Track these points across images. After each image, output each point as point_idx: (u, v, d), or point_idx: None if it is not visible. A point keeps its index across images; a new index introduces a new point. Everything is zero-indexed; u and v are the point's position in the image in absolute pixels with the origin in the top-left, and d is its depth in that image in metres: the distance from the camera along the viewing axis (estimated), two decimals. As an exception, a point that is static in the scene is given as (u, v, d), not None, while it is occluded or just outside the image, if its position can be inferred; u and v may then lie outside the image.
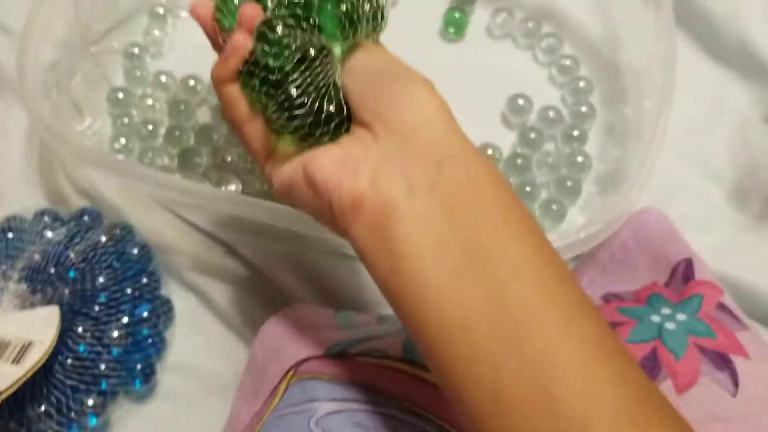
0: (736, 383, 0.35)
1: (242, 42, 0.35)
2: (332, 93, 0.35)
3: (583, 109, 0.57)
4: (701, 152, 0.56)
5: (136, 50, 0.60)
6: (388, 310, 0.50)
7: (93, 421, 0.47)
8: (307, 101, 0.35)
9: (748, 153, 0.55)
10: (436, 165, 0.31)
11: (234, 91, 0.37)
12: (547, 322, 0.28)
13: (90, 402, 0.47)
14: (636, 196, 0.47)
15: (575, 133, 0.56)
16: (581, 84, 0.58)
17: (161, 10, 0.62)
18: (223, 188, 0.54)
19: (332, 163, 0.33)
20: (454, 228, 0.30)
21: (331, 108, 0.35)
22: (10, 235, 0.51)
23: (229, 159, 0.55)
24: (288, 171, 0.35)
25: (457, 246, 0.30)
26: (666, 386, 0.36)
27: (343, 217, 0.32)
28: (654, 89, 0.50)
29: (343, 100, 0.35)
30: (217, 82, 0.37)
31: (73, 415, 0.46)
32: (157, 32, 0.61)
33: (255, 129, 0.37)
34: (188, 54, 0.61)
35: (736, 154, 0.55)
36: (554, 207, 0.53)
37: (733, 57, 0.59)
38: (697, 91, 0.58)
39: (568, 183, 0.54)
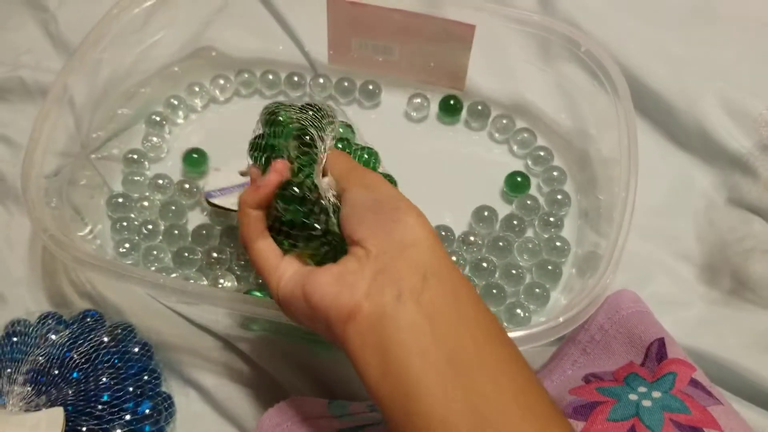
0: (710, 456, 0.37)
1: (272, 181, 0.42)
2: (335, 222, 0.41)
3: (559, 196, 0.60)
4: (671, 233, 0.59)
5: (134, 156, 0.64)
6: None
7: None
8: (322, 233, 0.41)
9: (715, 232, 0.58)
10: (422, 277, 0.35)
11: (255, 214, 0.42)
12: None
13: (93, 502, 0.48)
14: (610, 278, 0.50)
15: (552, 219, 0.59)
16: (555, 173, 0.62)
17: (158, 118, 0.66)
18: (220, 283, 0.57)
19: (330, 279, 0.37)
20: (439, 338, 0.33)
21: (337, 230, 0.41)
22: (15, 339, 0.53)
23: (223, 257, 0.58)
24: (290, 287, 0.39)
25: (441, 355, 0.33)
26: (646, 462, 0.38)
27: (338, 326, 0.35)
28: (621, 175, 0.54)
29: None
30: (244, 205, 0.42)
31: None
32: (155, 139, 0.65)
33: (267, 246, 0.42)
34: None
35: (704, 234, 0.59)
36: (537, 290, 0.56)
37: (694, 143, 0.63)
38: (664, 176, 0.62)
39: (549, 267, 0.57)
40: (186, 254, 0.58)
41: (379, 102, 0.68)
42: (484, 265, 0.57)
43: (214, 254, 0.58)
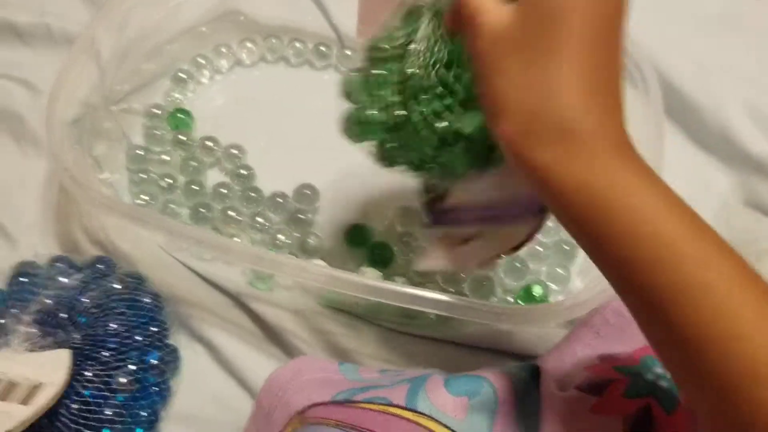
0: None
1: None
2: None
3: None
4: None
5: (157, 111, 0.64)
6: (388, 366, 0.52)
7: (94, 466, 0.47)
8: None
9: (730, 233, 0.58)
10: None
11: None
12: None
13: (93, 447, 0.47)
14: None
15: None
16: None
17: (183, 75, 0.66)
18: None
19: None
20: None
21: None
22: (24, 279, 0.53)
23: (239, 218, 0.58)
24: None
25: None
26: (659, 440, 0.38)
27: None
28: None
29: None
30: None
31: (75, 458, 0.47)
32: (177, 96, 0.65)
33: None
34: (207, 117, 0.64)
35: (719, 233, 0.59)
36: (559, 270, 0.57)
37: (716, 145, 0.63)
38: (684, 175, 0.62)
39: (565, 247, 0.57)
40: (202, 210, 0.58)
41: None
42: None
43: (231, 213, 0.58)
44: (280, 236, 0.57)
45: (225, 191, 0.59)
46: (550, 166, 0.32)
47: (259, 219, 0.58)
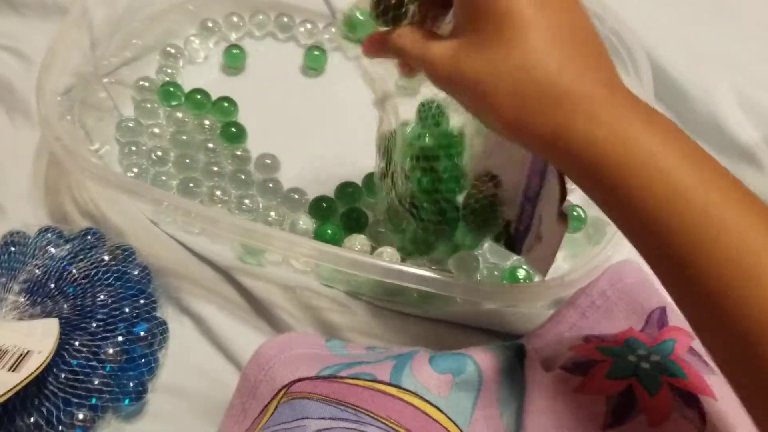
0: (703, 420, 0.38)
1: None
2: None
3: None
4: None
5: (146, 84, 0.63)
6: (376, 343, 0.52)
7: (80, 435, 0.48)
8: None
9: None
10: None
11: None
12: None
13: (80, 416, 0.47)
14: (612, 250, 0.51)
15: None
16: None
17: (173, 50, 0.66)
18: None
19: None
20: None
21: None
22: (13, 248, 0.53)
23: (226, 198, 0.58)
24: None
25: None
26: (640, 420, 0.38)
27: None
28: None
29: None
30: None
31: (61, 428, 0.47)
32: (168, 70, 0.65)
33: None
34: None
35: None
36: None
37: (705, 131, 0.64)
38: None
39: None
40: (191, 185, 0.58)
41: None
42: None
43: (218, 192, 0.58)
44: (272, 213, 0.57)
45: (216, 169, 0.59)
46: (555, 133, 0.33)
47: (247, 201, 0.58)
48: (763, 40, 0.70)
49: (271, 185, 0.59)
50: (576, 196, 0.59)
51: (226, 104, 0.63)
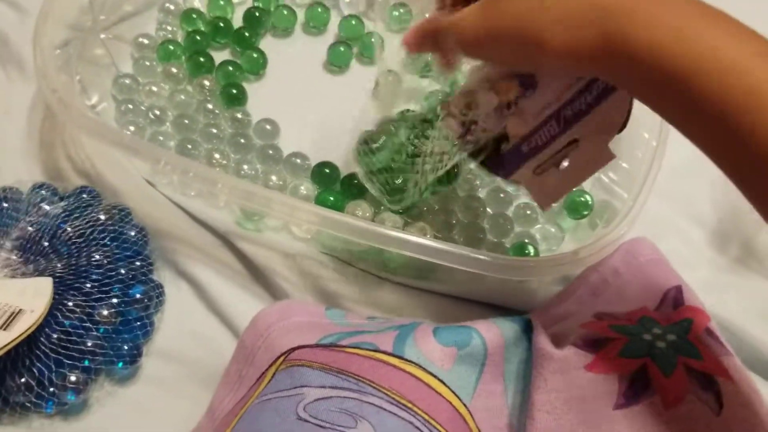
0: (720, 403, 0.37)
1: None
2: None
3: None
4: (686, 196, 0.58)
5: (145, 41, 0.61)
6: (376, 314, 0.51)
7: (72, 398, 0.46)
8: None
9: (730, 199, 0.58)
10: None
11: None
12: None
13: (72, 378, 0.46)
14: (624, 230, 0.49)
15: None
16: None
17: (172, 7, 0.63)
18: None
19: None
20: None
21: None
22: (5, 204, 0.51)
23: (224, 162, 0.56)
24: None
25: None
26: (655, 401, 0.37)
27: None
28: (651, 137, 0.53)
29: None
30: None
31: (53, 389, 0.46)
32: (169, 27, 0.62)
33: None
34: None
35: (719, 200, 0.58)
36: (552, 230, 0.55)
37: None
38: (689, 143, 0.61)
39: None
40: (189, 146, 0.56)
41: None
42: (501, 195, 0.56)
43: (216, 156, 0.56)
44: (273, 177, 0.56)
45: (215, 131, 0.57)
46: (611, 44, 0.32)
47: (245, 167, 0.56)
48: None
49: (270, 152, 0.57)
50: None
51: (255, 55, 0.61)
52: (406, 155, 0.48)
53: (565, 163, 0.43)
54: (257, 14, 0.63)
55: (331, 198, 0.55)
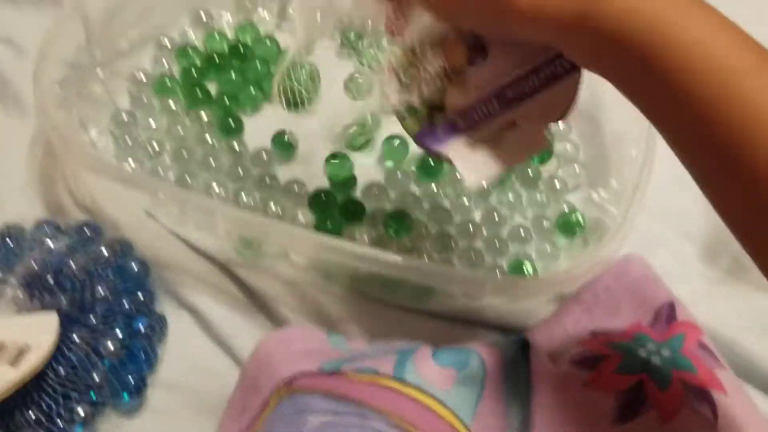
0: (715, 415, 0.38)
1: None
2: None
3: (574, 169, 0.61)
4: (676, 211, 0.59)
5: (142, 76, 0.62)
6: (376, 337, 0.52)
7: (80, 431, 0.47)
8: None
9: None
10: None
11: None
12: None
13: (80, 411, 0.47)
14: (616, 247, 0.50)
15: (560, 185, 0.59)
16: (568, 146, 0.62)
17: (167, 42, 0.65)
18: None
19: None
20: None
21: None
22: (9, 242, 0.52)
23: (222, 193, 0.57)
24: None
25: None
26: (652, 415, 0.38)
27: None
28: (639, 154, 0.54)
29: None
30: None
31: (61, 423, 0.46)
32: (165, 62, 0.64)
33: None
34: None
35: (708, 214, 0.59)
36: (548, 249, 0.57)
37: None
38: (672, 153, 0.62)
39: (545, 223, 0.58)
40: (187, 177, 0.57)
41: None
42: (496, 218, 0.57)
43: (214, 185, 0.57)
44: (271, 204, 0.57)
45: (213, 162, 0.58)
46: (581, 14, 0.32)
47: (243, 194, 0.57)
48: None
49: (267, 180, 0.58)
50: (576, 199, 0.59)
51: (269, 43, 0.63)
52: None
53: (510, 136, 0.41)
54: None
55: (329, 224, 0.56)
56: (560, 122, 0.40)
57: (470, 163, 0.41)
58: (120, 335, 0.49)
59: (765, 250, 0.30)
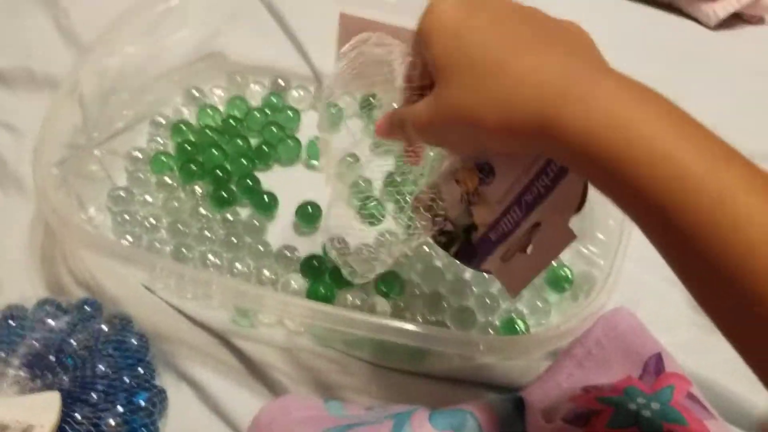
0: (707, 465, 0.39)
1: None
2: None
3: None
4: (661, 259, 0.60)
5: (138, 154, 0.64)
6: (374, 401, 0.52)
7: None
8: None
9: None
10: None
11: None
12: None
13: (84, 489, 0.47)
14: (604, 299, 0.51)
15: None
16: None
17: (163, 120, 0.67)
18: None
19: None
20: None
21: None
22: (12, 323, 0.53)
23: (218, 262, 0.58)
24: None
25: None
26: (643, 469, 0.39)
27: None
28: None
29: None
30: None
31: (65, 502, 0.47)
32: (159, 139, 0.66)
33: None
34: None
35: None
36: (539, 304, 0.58)
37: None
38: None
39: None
40: (183, 250, 0.59)
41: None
42: (486, 275, 0.58)
43: (210, 257, 0.58)
44: (265, 271, 0.58)
45: (207, 234, 0.60)
46: (544, 124, 0.33)
47: (238, 264, 0.58)
48: (736, 85, 0.73)
49: (261, 248, 0.60)
50: (565, 253, 0.60)
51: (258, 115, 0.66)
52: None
53: (530, 247, 0.44)
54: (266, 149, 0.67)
55: (322, 289, 0.57)
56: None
57: (509, 274, 0.45)
58: (121, 411, 0.50)
59: (763, 365, 0.31)
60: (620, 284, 0.52)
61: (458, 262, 0.48)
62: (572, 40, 0.37)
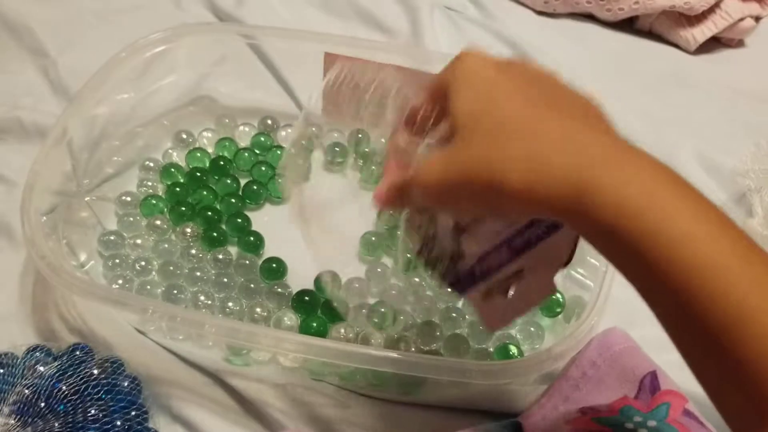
0: (705, 481, 0.38)
1: None
2: None
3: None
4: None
5: (128, 198, 0.65)
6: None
7: None
8: None
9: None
10: None
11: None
12: None
13: None
14: (596, 319, 0.51)
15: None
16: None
17: (152, 164, 0.67)
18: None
19: None
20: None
21: None
22: (1, 370, 0.52)
23: (209, 302, 0.58)
24: None
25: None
26: (643, 487, 0.38)
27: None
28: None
29: None
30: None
31: None
32: (150, 183, 0.66)
33: None
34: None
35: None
36: (532, 329, 0.57)
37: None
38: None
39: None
40: (175, 291, 0.58)
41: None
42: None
43: (202, 297, 0.58)
44: (258, 309, 0.58)
45: (199, 274, 0.60)
46: (579, 190, 0.31)
47: (230, 304, 0.58)
48: (714, 106, 0.75)
49: (252, 285, 0.60)
50: (556, 278, 0.60)
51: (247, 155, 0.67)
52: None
53: (512, 291, 0.43)
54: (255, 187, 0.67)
55: (314, 324, 0.57)
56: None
57: (488, 310, 0.44)
58: (114, 455, 0.49)
59: None
60: (612, 305, 0.52)
61: (442, 282, 0.46)
62: (595, 113, 0.36)
